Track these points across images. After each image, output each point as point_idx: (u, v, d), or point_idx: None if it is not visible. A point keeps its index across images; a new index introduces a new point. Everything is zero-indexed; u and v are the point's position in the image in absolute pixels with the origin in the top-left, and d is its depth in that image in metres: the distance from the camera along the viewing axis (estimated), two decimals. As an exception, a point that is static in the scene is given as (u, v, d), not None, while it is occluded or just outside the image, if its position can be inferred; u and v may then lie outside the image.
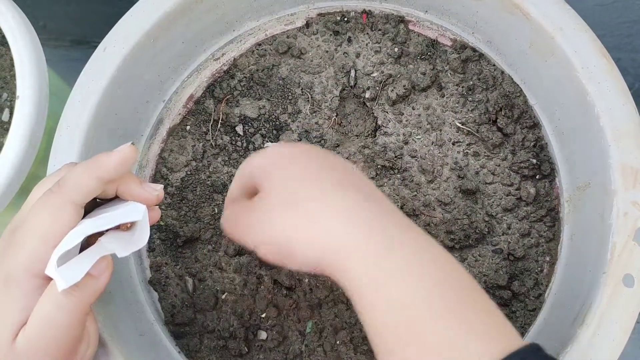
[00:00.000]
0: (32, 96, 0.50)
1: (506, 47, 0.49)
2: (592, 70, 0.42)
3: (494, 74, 0.50)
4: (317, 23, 0.53)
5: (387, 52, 0.52)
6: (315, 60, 0.53)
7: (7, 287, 0.33)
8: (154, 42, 0.47)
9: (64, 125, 0.45)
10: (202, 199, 0.51)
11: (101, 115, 0.45)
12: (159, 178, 0.51)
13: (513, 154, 0.49)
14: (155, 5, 0.47)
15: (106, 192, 0.35)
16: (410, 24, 0.53)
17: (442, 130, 0.51)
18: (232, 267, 0.49)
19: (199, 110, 0.53)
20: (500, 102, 0.50)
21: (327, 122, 0.52)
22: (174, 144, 0.52)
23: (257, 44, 0.54)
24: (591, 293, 0.40)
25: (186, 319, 0.48)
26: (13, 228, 0.35)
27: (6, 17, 0.54)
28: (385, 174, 0.50)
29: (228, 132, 0.52)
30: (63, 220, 0.33)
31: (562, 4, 0.44)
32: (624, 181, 0.40)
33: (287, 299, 0.48)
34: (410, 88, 0.51)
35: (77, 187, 0.33)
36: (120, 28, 0.46)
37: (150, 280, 0.49)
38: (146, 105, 0.51)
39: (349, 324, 0.47)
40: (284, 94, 0.53)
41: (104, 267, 0.34)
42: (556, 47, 0.44)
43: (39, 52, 0.53)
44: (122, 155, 0.34)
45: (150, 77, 0.49)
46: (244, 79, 0.53)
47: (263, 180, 0.36)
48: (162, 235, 0.50)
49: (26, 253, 0.33)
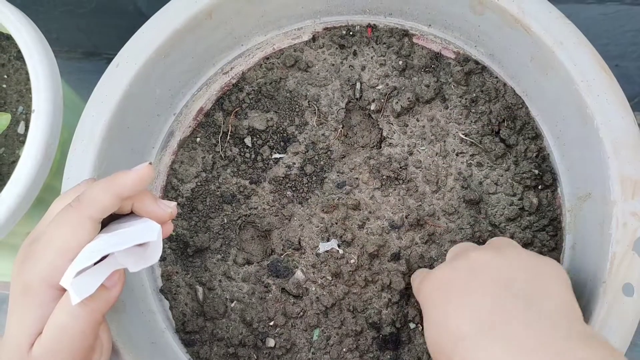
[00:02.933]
0: (47, 110, 0.52)
1: (508, 60, 0.50)
2: (591, 83, 0.43)
3: (497, 86, 0.52)
4: (323, 37, 0.55)
5: (391, 65, 0.53)
6: (321, 73, 0.54)
7: (25, 297, 0.35)
8: (165, 58, 0.49)
9: (78, 139, 0.46)
10: (211, 209, 0.52)
11: (114, 130, 0.47)
12: (170, 189, 0.53)
13: (516, 165, 0.50)
14: (165, 22, 0.48)
15: (122, 208, 0.36)
16: (414, 37, 0.54)
17: (446, 141, 0.52)
18: (241, 276, 0.50)
19: (209, 123, 0.54)
20: (503, 113, 0.51)
21: (333, 134, 0.53)
22: (184, 155, 0.54)
23: (265, 58, 0.55)
24: (591, 302, 0.41)
25: (196, 327, 0.49)
26: (32, 240, 0.36)
27: (21, 33, 0.55)
28: (390, 184, 0.51)
29: (237, 144, 0.54)
30: (81, 234, 0.34)
31: (563, 19, 0.45)
32: (623, 192, 0.41)
33: (295, 307, 0.49)
34: (414, 100, 0.52)
35: (96, 203, 0.34)
36: (132, 45, 0.48)
37: (161, 289, 0.51)
38: (157, 118, 0.52)
39: (355, 331, 0.48)
40: (291, 107, 0.54)
41: (116, 279, 0.36)
42: (556, 60, 0.44)
43: (53, 67, 0.54)
44: (140, 174, 0.35)
45: (161, 91, 0.51)
46: (252, 92, 0.55)
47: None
48: (173, 244, 0.52)
49: (44, 265, 0.34)
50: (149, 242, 0.35)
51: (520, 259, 0.38)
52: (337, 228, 0.50)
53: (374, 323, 0.49)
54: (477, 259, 0.39)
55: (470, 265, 0.39)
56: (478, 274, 0.38)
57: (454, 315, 0.37)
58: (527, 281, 0.37)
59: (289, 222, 0.51)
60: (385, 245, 0.50)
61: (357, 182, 0.52)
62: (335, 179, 0.52)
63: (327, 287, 0.49)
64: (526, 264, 0.38)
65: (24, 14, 0.56)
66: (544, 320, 0.34)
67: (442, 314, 0.38)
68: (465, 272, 0.38)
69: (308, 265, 0.50)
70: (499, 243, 0.41)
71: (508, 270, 0.37)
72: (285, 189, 0.52)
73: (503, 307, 0.35)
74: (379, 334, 0.49)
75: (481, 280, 0.37)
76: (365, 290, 0.49)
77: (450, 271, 0.40)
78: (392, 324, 0.49)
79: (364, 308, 0.49)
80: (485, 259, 0.39)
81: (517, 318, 0.34)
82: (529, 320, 0.34)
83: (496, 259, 0.38)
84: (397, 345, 0.48)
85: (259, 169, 0.53)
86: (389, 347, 0.48)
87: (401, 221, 0.50)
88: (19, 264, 0.36)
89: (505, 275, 0.37)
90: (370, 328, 0.49)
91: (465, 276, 0.38)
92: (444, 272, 0.40)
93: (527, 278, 0.37)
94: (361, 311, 0.49)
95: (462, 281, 0.38)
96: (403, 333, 0.49)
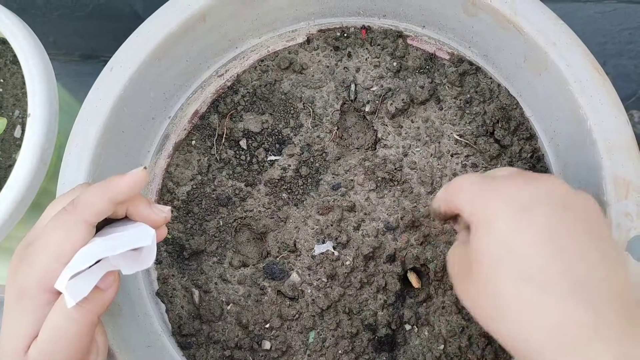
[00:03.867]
0: (42, 115, 0.52)
1: (502, 61, 0.50)
2: (584, 84, 0.43)
3: (491, 86, 0.52)
4: (317, 39, 0.55)
5: (386, 67, 0.53)
6: (316, 75, 0.54)
7: (20, 301, 0.35)
8: (159, 61, 0.49)
9: (73, 143, 0.46)
10: (207, 212, 0.52)
11: (109, 133, 0.47)
12: (166, 192, 0.53)
13: (510, 165, 0.50)
14: (159, 25, 0.48)
15: (117, 212, 0.36)
16: (408, 38, 0.54)
17: (440, 143, 0.52)
18: (237, 279, 0.51)
19: (204, 126, 0.54)
20: (497, 114, 0.51)
21: (328, 136, 0.53)
22: (179, 158, 0.54)
23: (259, 60, 0.55)
24: (586, 302, 0.41)
25: (192, 330, 0.49)
26: (27, 244, 0.36)
27: (17, 38, 0.55)
28: (385, 186, 0.51)
29: (232, 147, 0.54)
30: (75, 238, 0.34)
31: (555, 19, 0.45)
32: (616, 193, 0.41)
33: (291, 309, 0.49)
34: (409, 101, 0.52)
35: (90, 207, 0.35)
36: (126, 48, 0.48)
37: (157, 292, 0.51)
38: (152, 121, 0.52)
39: (351, 333, 0.48)
40: (286, 109, 0.54)
41: (111, 280, 0.36)
42: (549, 61, 0.44)
43: (49, 72, 0.54)
44: (134, 178, 0.35)
45: (155, 94, 0.51)
46: (247, 95, 0.55)
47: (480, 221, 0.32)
48: (169, 247, 0.52)
49: (39, 269, 0.34)
50: (144, 246, 0.35)
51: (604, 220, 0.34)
52: (332, 230, 0.50)
53: (369, 325, 0.49)
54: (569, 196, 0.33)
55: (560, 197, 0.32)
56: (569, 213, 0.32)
57: (532, 248, 0.31)
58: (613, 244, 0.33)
59: (284, 224, 0.51)
60: (380, 247, 0.50)
61: (352, 183, 0.52)
62: (330, 181, 0.52)
63: (323, 289, 0.49)
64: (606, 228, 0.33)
65: (19, 19, 0.56)
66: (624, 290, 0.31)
67: (513, 240, 0.31)
68: (554, 201, 0.32)
69: (303, 267, 0.50)
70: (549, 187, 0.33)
71: (600, 225, 0.32)
72: (280, 191, 0.52)
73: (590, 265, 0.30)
74: (374, 336, 0.49)
75: (571, 222, 0.31)
76: (360, 292, 0.49)
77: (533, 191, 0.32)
78: (388, 325, 0.49)
79: (359, 310, 0.49)
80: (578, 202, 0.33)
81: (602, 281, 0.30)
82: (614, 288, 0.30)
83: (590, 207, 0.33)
84: (393, 347, 0.49)
85: (255, 171, 0.53)
86: (384, 349, 0.48)
87: (396, 222, 0.50)
88: (14, 268, 0.36)
89: (597, 229, 0.32)
90: (366, 330, 0.49)
91: (554, 207, 0.32)
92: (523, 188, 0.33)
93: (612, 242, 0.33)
94: (357, 313, 0.49)
95: (550, 211, 0.32)
96: (399, 335, 0.49)
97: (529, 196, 0.32)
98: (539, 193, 0.32)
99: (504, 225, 0.31)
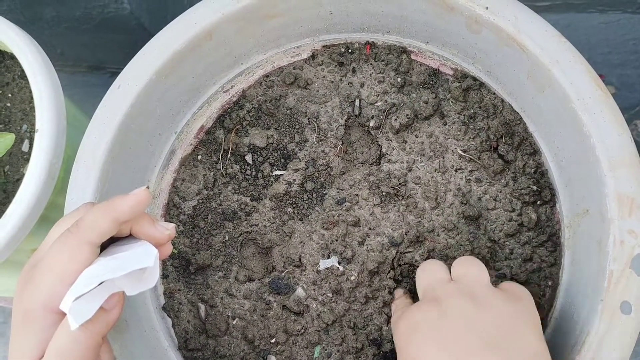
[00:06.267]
0: (50, 130, 0.53)
1: (505, 77, 0.50)
2: (587, 101, 0.43)
3: (495, 102, 0.52)
4: (322, 55, 0.55)
5: (390, 82, 0.54)
6: (321, 91, 0.55)
7: (26, 322, 0.35)
8: (166, 78, 0.49)
9: (80, 161, 0.47)
10: (213, 226, 0.53)
11: (116, 150, 0.47)
12: (172, 207, 0.53)
13: (514, 181, 0.51)
14: (166, 43, 0.49)
15: (121, 231, 0.37)
16: (412, 54, 0.54)
17: (444, 158, 0.52)
18: (242, 293, 0.51)
19: (210, 141, 0.55)
20: (501, 129, 0.51)
21: (333, 150, 0.53)
22: (185, 173, 0.54)
23: (264, 76, 0.56)
24: (589, 319, 0.41)
25: (199, 344, 0.49)
26: (32, 265, 0.37)
27: (25, 53, 0.56)
28: (390, 201, 0.52)
29: (238, 161, 0.54)
30: (79, 259, 0.35)
31: (559, 37, 0.45)
32: (619, 210, 0.41)
33: (296, 324, 0.50)
34: (413, 116, 0.52)
35: (94, 228, 0.35)
36: (133, 66, 0.49)
37: (164, 307, 0.51)
38: (159, 137, 0.53)
39: (356, 348, 0.49)
40: (291, 124, 0.54)
41: (115, 301, 0.36)
42: (553, 79, 0.45)
43: (57, 87, 0.55)
44: (137, 198, 0.36)
45: (162, 111, 0.52)
46: (253, 110, 0.55)
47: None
48: (175, 262, 0.52)
49: (44, 290, 0.35)
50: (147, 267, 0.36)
51: (493, 307, 0.39)
52: (337, 245, 0.51)
53: (374, 340, 0.49)
54: (448, 304, 0.40)
55: (439, 310, 0.40)
56: (447, 319, 0.39)
57: (418, 356, 0.38)
58: (498, 330, 0.38)
59: (289, 239, 0.52)
60: (385, 262, 0.50)
61: (356, 198, 0.52)
62: (335, 196, 0.52)
63: (328, 304, 0.50)
64: (499, 312, 0.39)
65: (27, 34, 0.57)
66: None
67: (409, 355, 0.39)
68: (434, 315, 0.40)
69: (309, 282, 0.51)
70: (469, 281, 0.42)
71: (479, 319, 0.38)
72: (285, 206, 0.53)
73: (467, 354, 0.37)
74: (379, 351, 0.49)
75: (449, 325, 0.39)
76: (365, 307, 0.50)
77: (420, 314, 0.40)
78: (393, 340, 0.49)
79: (364, 325, 0.49)
80: (457, 305, 0.39)
81: None
82: None
83: (467, 307, 0.39)
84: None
85: (260, 186, 0.53)
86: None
87: (401, 238, 0.51)
88: (20, 290, 0.36)
89: (475, 324, 0.38)
90: (370, 345, 0.49)
91: (433, 320, 0.39)
92: (414, 314, 0.41)
93: (498, 327, 0.38)
94: (362, 328, 0.49)
95: (430, 324, 0.39)
96: (403, 349, 0.49)
97: (415, 319, 0.41)
98: (423, 314, 0.41)
99: (402, 347, 0.41)
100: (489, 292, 0.40)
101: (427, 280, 0.43)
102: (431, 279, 0.43)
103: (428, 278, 0.43)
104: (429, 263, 0.45)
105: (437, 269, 0.44)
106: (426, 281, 0.43)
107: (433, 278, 0.43)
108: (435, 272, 0.44)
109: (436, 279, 0.43)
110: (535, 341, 0.38)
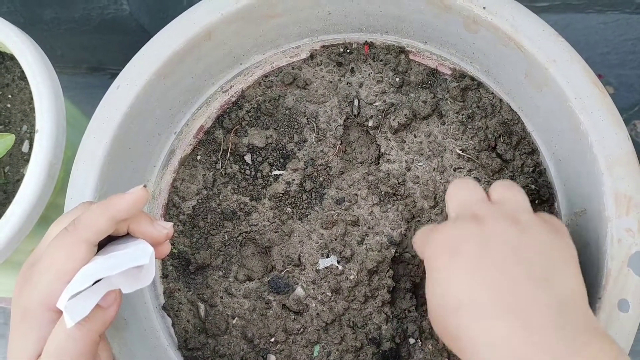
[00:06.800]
0: (50, 131, 0.53)
1: (503, 76, 0.50)
2: (584, 100, 0.44)
3: (493, 101, 0.52)
4: (321, 55, 0.55)
5: (388, 82, 0.54)
6: (319, 91, 0.55)
7: (24, 321, 0.36)
8: (165, 78, 0.50)
9: (80, 160, 0.47)
10: (212, 226, 0.53)
11: (115, 150, 0.48)
12: (172, 207, 0.54)
13: (513, 180, 0.51)
14: (165, 44, 0.49)
15: (119, 230, 0.37)
16: (410, 54, 0.54)
17: (443, 157, 0.52)
18: (242, 293, 0.51)
19: (209, 141, 0.55)
20: (499, 129, 0.51)
21: (332, 150, 0.53)
22: (185, 173, 0.55)
23: (263, 76, 0.56)
24: (587, 318, 0.41)
25: (198, 344, 0.50)
26: (30, 264, 0.37)
27: (25, 54, 0.56)
28: (389, 200, 0.52)
29: (237, 161, 0.54)
30: (76, 257, 0.35)
31: (556, 36, 0.45)
32: (617, 208, 0.42)
33: (295, 323, 0.50)
34: (411, 116, 0.52)
35: (91, 226, 0.35)
36: (132, 66, 0.49)
37: (163, 306, 0.51)
38: (158, 137, 0.53)
39: (355, 347, 0.49)
40: (290, 124, 0.55)
41: (112, 299, 0.37)
42: (550, 78, 0.45)
43: (56, 88, 0.55)
44: (134, 197, 0.36)
45: (161, 111, 0.52)
46: (252, 110, 0.55)
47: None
48: (175, 262, 0.52)
49: (41, 288, 0.35)
50: (143, 264, 0.36)
51: (537, 237, 0.36)
52: (336, 244, 0.51)
53: (373, 338, 0.49)
54: (492, 227, 0.36)
55: (483, 232, 0.36)
56: (491, 245, 0.35)
57: (458, 283, 0.35)
58: (542, 262, 0.35)
59: (289, 238, 0.52)
60: (384, 261, 0.50)
61: (355, 198, 0.52)
62: (334, 195, 0.52)
63: (327, 303, 0.50)
64: (543, 242, 0.36)
65: (27, 36, 0.57)
66: (555, 304, 0.33)
67: (446, 279, 0.35)
68: (477, 239, 0.36)
69: (308, 281, 0.51)
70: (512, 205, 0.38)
71: (524, 248, 0.35)
72: (285, 206, 0.53)
73: (514, 285, 0.33)
74: (378, 350, 0.49)
75: (494, 252, 0.35)
76: (365, 306, 0.50)
77: (460, 233, 0.36)
78: (392, 339, 0.49)
79: (363, 324, 0.50)
80: (501, 230, 0.36)
81: (527, 297, 0.33)
82: (540, 301, 0.33)
83: (512, 233, 0.36)
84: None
85: (259, 186, 0.53)
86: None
87: (400, 237, 0.51)
88: (18, 289, 0.37)
89: (521, 253, 0.35)
90: (370, 344, 0.49)
91: (477, 244, 0.35)
92: (452, 233, 0.37)
93: (542, 259, 0.35)
94: (361, 327, 0.50)
95: (473, 248, 0.35)
96: (403, 348, 0.49)
97: (454, 239, 0.36)
98: (463, 235, 0.36)
99: (439, 269, 0.36)
100: (533, 220, 0.37)
101: (464, 197, 0.39)
102: (467, 197, 0.39)
103: (464, 195, 0.39)
104: (464, 180, 0.40)
105: (474, 187, 0.39)
106: (462, 198, 0.39)
107: (470, 196, 0.39)
108: (472, 190, 0.39)
109: (474, 196, 0.39)
110: (575, 276, 0.35)
